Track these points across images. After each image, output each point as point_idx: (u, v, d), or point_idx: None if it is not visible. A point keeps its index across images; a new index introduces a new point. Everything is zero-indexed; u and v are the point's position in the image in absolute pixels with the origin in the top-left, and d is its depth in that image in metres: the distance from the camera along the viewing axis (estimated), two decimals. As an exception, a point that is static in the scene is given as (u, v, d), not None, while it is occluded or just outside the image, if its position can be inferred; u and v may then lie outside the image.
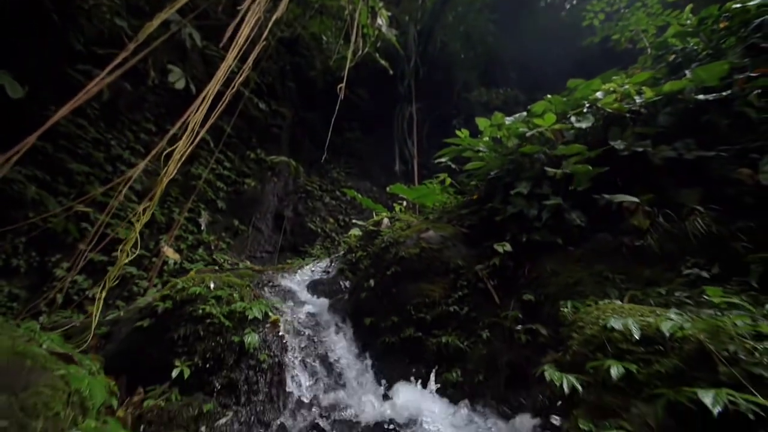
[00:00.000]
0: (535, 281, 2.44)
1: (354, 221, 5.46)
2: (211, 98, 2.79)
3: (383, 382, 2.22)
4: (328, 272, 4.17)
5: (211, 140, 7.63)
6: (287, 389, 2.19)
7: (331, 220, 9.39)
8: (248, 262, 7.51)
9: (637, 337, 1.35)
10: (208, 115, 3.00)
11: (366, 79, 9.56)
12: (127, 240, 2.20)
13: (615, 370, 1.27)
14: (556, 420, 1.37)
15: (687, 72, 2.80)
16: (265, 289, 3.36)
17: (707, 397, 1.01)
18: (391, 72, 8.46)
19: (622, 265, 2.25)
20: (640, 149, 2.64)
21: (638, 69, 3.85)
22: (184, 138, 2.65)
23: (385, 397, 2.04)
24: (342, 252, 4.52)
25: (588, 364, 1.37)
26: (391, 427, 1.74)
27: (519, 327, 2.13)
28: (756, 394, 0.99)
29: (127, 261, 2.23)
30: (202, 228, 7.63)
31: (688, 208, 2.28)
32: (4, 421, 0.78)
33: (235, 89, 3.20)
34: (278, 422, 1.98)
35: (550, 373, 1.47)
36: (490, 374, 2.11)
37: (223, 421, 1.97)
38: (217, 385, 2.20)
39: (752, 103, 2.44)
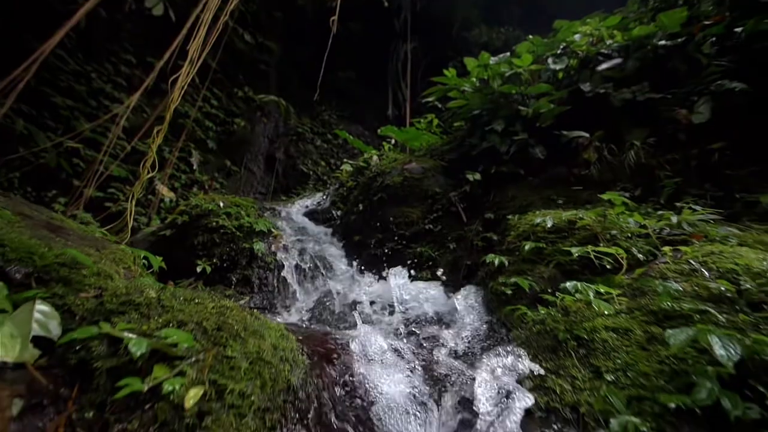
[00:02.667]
0: (497, 204, 2.98)
1: (345, 161, 5.84)
2: (207, 24, 2.97)
3: (368, 278, 2.85)
4: (321, 204, 4.68)
5: (197, 76, 7.58)
6: (290, 283, 2.81)
7: (323, 163, 9.69)
8: (243, 201, 7.97)
9: (549, 226, 1.90)
10: (203, 43, 3.18)
11: (360, 11, 9.14)
12: (147, 157, 2.60)
13: (528, 246, 1.85)
14: (488, 283, 1.98)
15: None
16: (266, 214, 3.87)
17: (575, 251, 1.58)
18: (386, 3, 8.13)
19: (568, 190, 2.79)
20: (602, 91, 3.02)
21: (628, 12, 4.02)
22: (185, 66, 2.90)
23: (369, 285, 2.67)
24: (334, 187, 4.99)
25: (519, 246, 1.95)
26: (373, 300, 2.38)
27: (478, 236, 2.71)
28: (611, 251, 1.55)
29: (148, 176, 2.66)
30: (194, 167, 7.94)
31: (629, 143, 2.75)
32: (97, 267, 1.24)
33: (227, 15, 3.33)
34: (286, 303, 2.62)
35: (490, 257, 2.06)
36: (454, 272, 2.74)
37: (242, 301, 2.60)
38: (234, 279, 2.79)
39: (703, 50, 2.79)
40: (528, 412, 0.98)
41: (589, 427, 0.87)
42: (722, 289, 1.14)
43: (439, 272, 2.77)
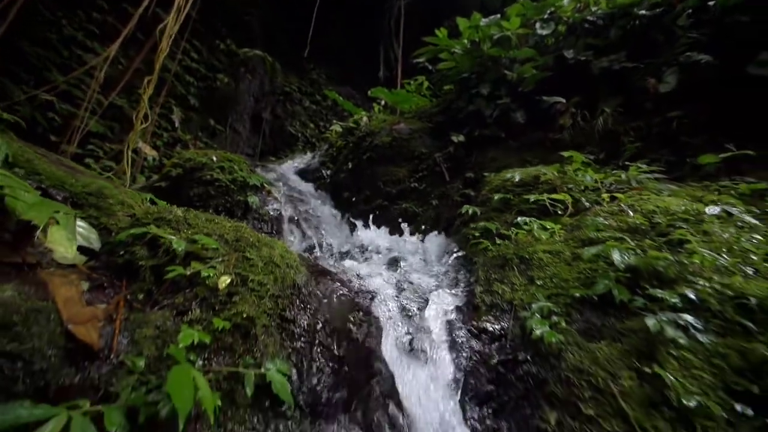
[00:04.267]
0: (478, 165, 3.27)
1: (335, 122, 5.94)
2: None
3: (358, 230, 3.16)
4: (311, 164, 4.88)
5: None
6: (284, 234, 3.09)
7: (312, 125, 9.66)
8: (230, 161, 8.00)
9: (517, 180, 2.21)
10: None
11: (351, -40, 8.72)
12: (139, 108, 2.73)
13: (497, 197, 2.16)
14: (462, 229, 2.31)
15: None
16: (257, 170, 4.06)
17: (532, 197, 1.91)
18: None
19: (543, 153, 3.08)
20: (583, 58, 3.23)
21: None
22: (172, 13, 2.94)
23: (358, 236, 2.98)
24: (323, 147, 5.15)
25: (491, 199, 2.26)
26: (358, 248, 2.70)
27: (458, 193, 3.02)
28: (560, 197, 1.87)
29: (142, 127, 2.80)
30: (176, 125, 7.85)
31: (600, 110, 3.03)
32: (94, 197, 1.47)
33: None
34: (279, 250, 2.92)
35: (465, 207, 2.37)
36: (434, 226, 3.06)
37: (239, 247, 2.87)
38: (230, 228, 3.05)
39: (678, 22, 3.01)
40: (476, 307, 1.33)
41: (517, 311, 1.22)
42: (638, 222, 1.49)
43: (422, 226, 3.10)
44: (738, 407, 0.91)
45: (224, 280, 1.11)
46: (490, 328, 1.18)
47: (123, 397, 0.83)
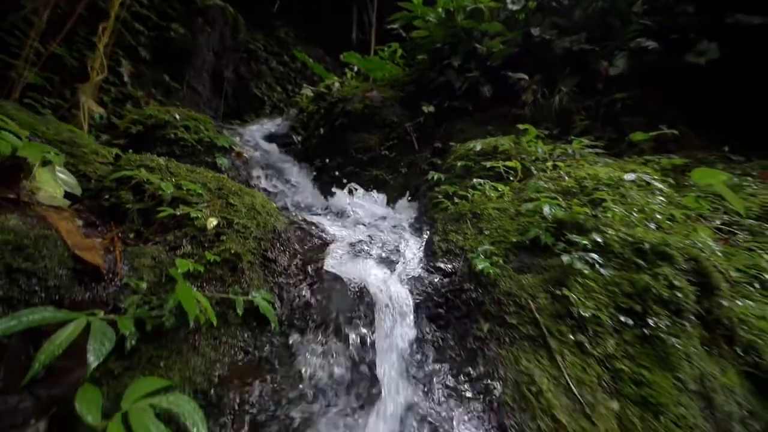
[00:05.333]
0: (446, 135, 3.49)
1: (306, 86, 5.84)
2: None
3: (329, 195, 3.31)
4: (280, 129, 4.85)
5: (123, -39, 6.57)
6: (255, 196, 3.18)
7: (279, 88, 9.31)
8: (190, 123, 7.62)
9: (478, 150, 2.47)
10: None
11: None
12: (94, 57, 2.60)
13: (460, 164, 2.41)
14: (427, 193, 2.56)
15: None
16: (224, 131, 4.01)
17: (488, 164, 2.17)
18: None
19: (505, 126, 3.36)
20: (548, 37, 3.48)
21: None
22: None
23: (330, 200, 3.14)
24: (293, 112, 5.12)
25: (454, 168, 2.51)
26: (331, 212, 2.87)
27: (426, 162, 3.24)
28: (512, 164, 2.15)
29: (98, 78, 2.68)
30: (126, 79, 7.26)
31: (558, 89, 3.34)
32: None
33: None
34: (251, 211, 3.02)
35: (431, 174, 2.61)
36: (403, 192, 3.29)
37: (208, 208, 2.93)
38: (198, 189, 3.08)
39: (633, 9, 3.31)
40: (434, 252, 1.59)
41: (467, 254, 1.50)
42: (570, 186, 1.80)
43: (392, 193, 3.32)
44: (622, 318, 1.25)
45: (212, 222, 1.26)
46: (443, 267, 1.45)
47: (130, 311, 0.99)
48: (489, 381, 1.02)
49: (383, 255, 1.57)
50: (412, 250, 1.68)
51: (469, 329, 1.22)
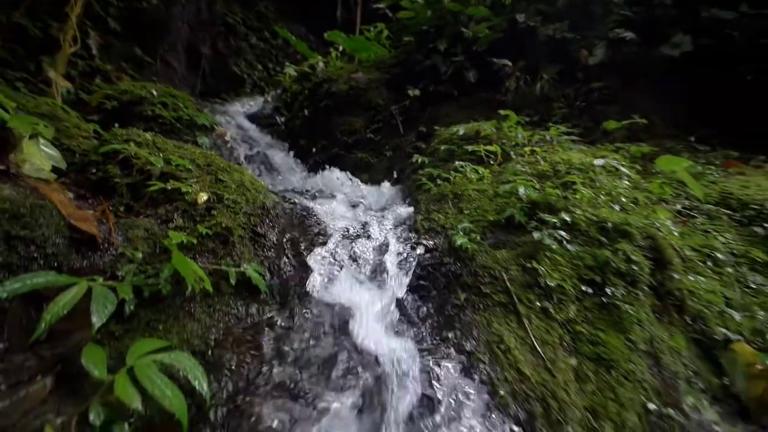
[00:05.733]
0: (431, 119, 3.57)
1: (289, 65, 5.73)
2: None
3: (315, 176, 3.35)
4: (263, 109, 4.79)
5: None
6: (238, 176, 3.18)
7: (260, 66, 9.05)
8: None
9: (461, 134, 2.57)
10: None
11: None
12: (66, 27, 2.50)
13: (443, 148, 2.51)
14: (411, 176, 2.65)
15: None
16: (205, 110, 3.94)
17: (469, 148, 2.28)
18: None
19: (488, 112, 3.47)
20: (532, 24, 3.57)
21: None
22: None
23: (316, 181, 3.19)
24: (276, 92, 5.04)
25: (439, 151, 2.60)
26: (316, 192, 2.93)
27: (411, 145, 3.33)
28: (492, 149, 2.26)
29: (71, 51, 2.58)
30: (94, 52, 6.89)
31: (540, 76, 3.46)
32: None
33: None
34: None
35: (415, 157, 2.69)
36: (387, 176, 3.37)
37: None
38: (179, 168, 3.05)
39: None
40: (417, 230, 1.69)
41: (447, 231, 1.61)
42: (545, 169, 1.93)
43: (376, 175, 3.39)
44: (584, 288, 1.40)
45: (202, 196, 1.31)
46: (425, 243, 1.56)
47: (127, 279, 1.04)
48: (464, 341, 1.15)
49: (369, 233, 1.67)
50: (397, 230, 1.78)
51: (447, 298, 1.34)
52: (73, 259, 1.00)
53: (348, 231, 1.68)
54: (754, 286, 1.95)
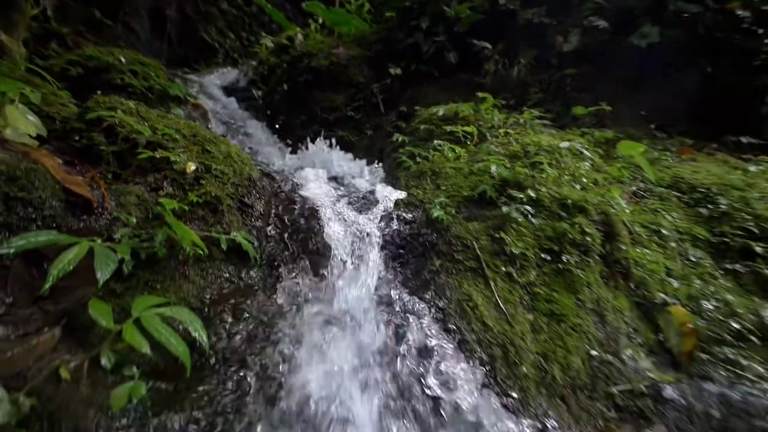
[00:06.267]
0: (412, 99, 3.66)
1: (265, 35, 5.56)
2: None
3: (296, 153, 3.37)
4: (239, 82, 4.68)
5: None
6: (215, 151, 3.17)
7: (232, 35, 8.64)
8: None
9: (440, 114, 2.70)
10: None
11: None
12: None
13: (423, 127, 2.63)
14: (392, 154, 2.77)
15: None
16: (177, 80, 3.82)
17: (448, 128, 2.42)
18: None
19: (466, 94, 3.59)
20: (512, 7, 3.68)
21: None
22: None
23: (297, 156, 3.23)
24: (252, 64, 4.92)
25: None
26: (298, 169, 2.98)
27: (391, 125, 3.42)
28: (469, 129, 2.41)
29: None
30: (49, 14, 6.36)
31: (518, 61, 3.61)
32: None
33: None
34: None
35: (396, 136, 2.80)
36: (368, 154, 3.46)
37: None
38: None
39: (589, -15, 3.59)
40: (397, 204, 1.83)
41: (425, 205, 1.76)
42: (516, 150, 2.10)
43: (357, 154, 3.47)
44: (543, 255, 1.60)
45: (191, 166, 1.37)
46: (405, 216, 1.70)
47: (124, 241, 1.12)
48: (438, 300, 1.31)
49: (353, 205, 1.79)
50: (379, 202, 1.90)
51: (424, 264, 1.50)
52: (70, 221, 1.06)
53: (332, 205, 1.79)
54: (693, 259, 2.24)
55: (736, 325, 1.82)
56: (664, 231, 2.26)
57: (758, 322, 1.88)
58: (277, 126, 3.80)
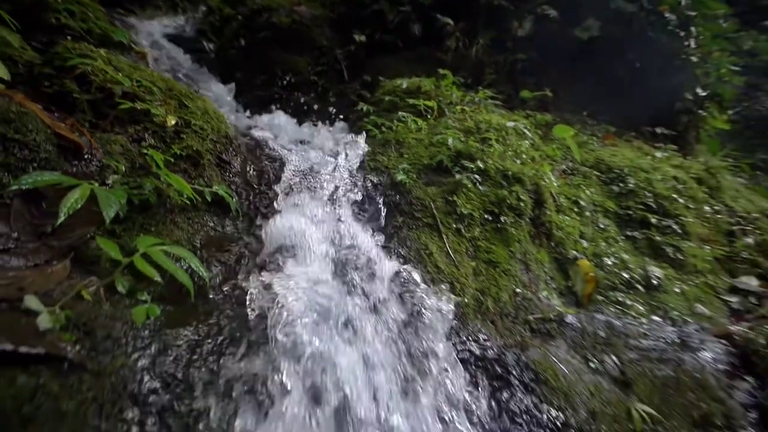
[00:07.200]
0: (375, 69, 3.81)
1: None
2: None
3: (256, 115, 3.39)
4: (185, 31, 4.41)
5: None
6: (168, 107, 3.08)
7: (171, -27, 7.79)
8: None
9: (404, 87, 2.92)
10: None
11: None
12: None
13: (387, 99, 2.84)
14: (357, 123, 2.95)
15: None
16: (116, 23, 3.53)
17: (411, 101, 2.67)
18: None
19: (428, 68, 3.83)
20: (476, -15, 3.92)
21: None
22: None
23: (258, 120, 3.26)
24: (199, 13, 4.64)
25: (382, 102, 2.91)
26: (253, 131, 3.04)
27: (355, 93, 3.56)
28: (430, 104, 2.67)
29: None
30: None
31: (477, 41, 3.91)
32: None
33: None
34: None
35: (360, 105, 2.97)
36: (332, 120, 3.59)
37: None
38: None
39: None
40: (364, 168, 2.07)
41: (390, 170, 2.02)
42: (470, 126, 2.43)
43: (321, 119, 3.58)
44: (486, 216, 1.97)
45: (171, 120, 1.46)
46: (372, 179, 1.95)
47: (116, 187, 1.23)
48: (400, 248, 1.61)
49: (323, 169, 1.99)
50: (347, 167, 2.12)
51: (388, 222, 1.78)
52: (64, 165, 1.14)
53: (303, 166, 1.97)
54: (602, 226, 2.81)
55: (626, 276, 2.40)
56: (582, 202, 2.79)
57: (644, 275, 2.48)
58: (233, 84, 3.73)
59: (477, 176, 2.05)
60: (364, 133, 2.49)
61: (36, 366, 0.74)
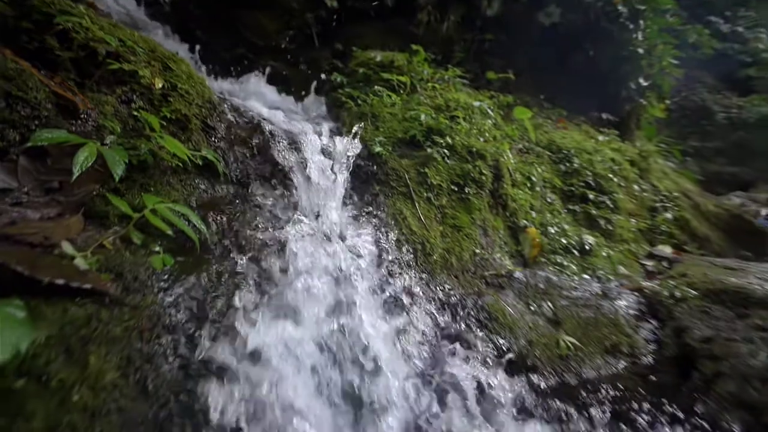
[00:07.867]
0: (347, 38, 3.85)
1: None
2: None
3: (226, 82, 3.33)
4: (138, -21, 4.08)
5: None
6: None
7: None
8: None
9: (378, 60, 3.05)
10: None
11: None
12: None
13: (362, 71, 2.96)
14: (331, 94, 3.05)
15: None
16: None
17: (385, 75, 2.82)
18: None
19: (400, 42, 3.95)
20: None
21: None
22: None
23: (228, 86, 3.22)
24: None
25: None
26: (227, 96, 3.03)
27: (327, 62, 3.61)
28: (404, 79, 2.85)
29: None
30: None
31: (448, 16, 4.07)
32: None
33: None
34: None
35: (334, 75, 3.06)
36: (304, 90, 3.63)
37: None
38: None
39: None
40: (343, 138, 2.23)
41: (367, 143, 2.20)
42: (440, 104, 2.66)
43: (293, 88, 3.60)
44: (453, 187, 2.24)
45: (158, 82, 1.52)
46: (352, 150, 2.13)
47: (114, 147, 1.31)
48: (377, 213, 1.84)
49: (305, 138, 2.12)
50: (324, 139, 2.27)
51: (367, 189, 1.99)
52: (63, 124, 1.20)
53: (286, 134, 2.09)
54: (549, 201, 3.22)
55: (565, 242, 2.83)
56: (534, 178, 3.18)
57: (580, 242, 2.93)
58: (194, 44, 3.59)
59: (446, 151, 2.30)
60: (339, 105, 2.62)
61: (82, 299, 0.88)
